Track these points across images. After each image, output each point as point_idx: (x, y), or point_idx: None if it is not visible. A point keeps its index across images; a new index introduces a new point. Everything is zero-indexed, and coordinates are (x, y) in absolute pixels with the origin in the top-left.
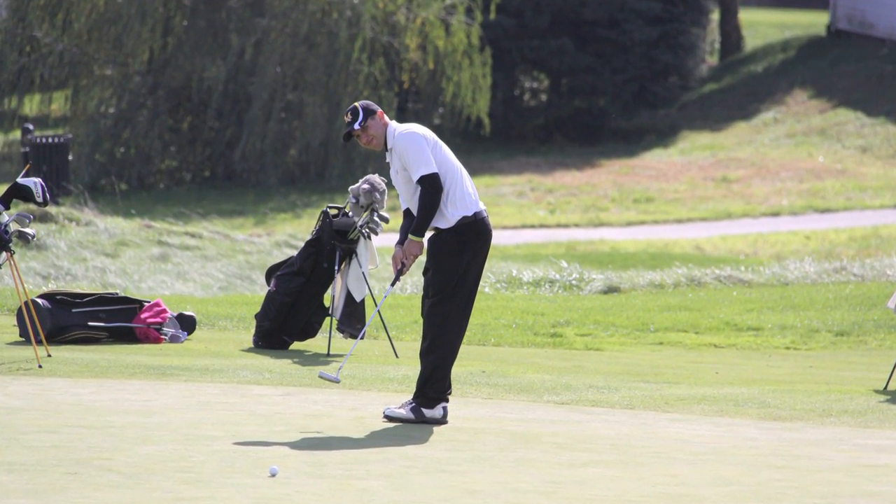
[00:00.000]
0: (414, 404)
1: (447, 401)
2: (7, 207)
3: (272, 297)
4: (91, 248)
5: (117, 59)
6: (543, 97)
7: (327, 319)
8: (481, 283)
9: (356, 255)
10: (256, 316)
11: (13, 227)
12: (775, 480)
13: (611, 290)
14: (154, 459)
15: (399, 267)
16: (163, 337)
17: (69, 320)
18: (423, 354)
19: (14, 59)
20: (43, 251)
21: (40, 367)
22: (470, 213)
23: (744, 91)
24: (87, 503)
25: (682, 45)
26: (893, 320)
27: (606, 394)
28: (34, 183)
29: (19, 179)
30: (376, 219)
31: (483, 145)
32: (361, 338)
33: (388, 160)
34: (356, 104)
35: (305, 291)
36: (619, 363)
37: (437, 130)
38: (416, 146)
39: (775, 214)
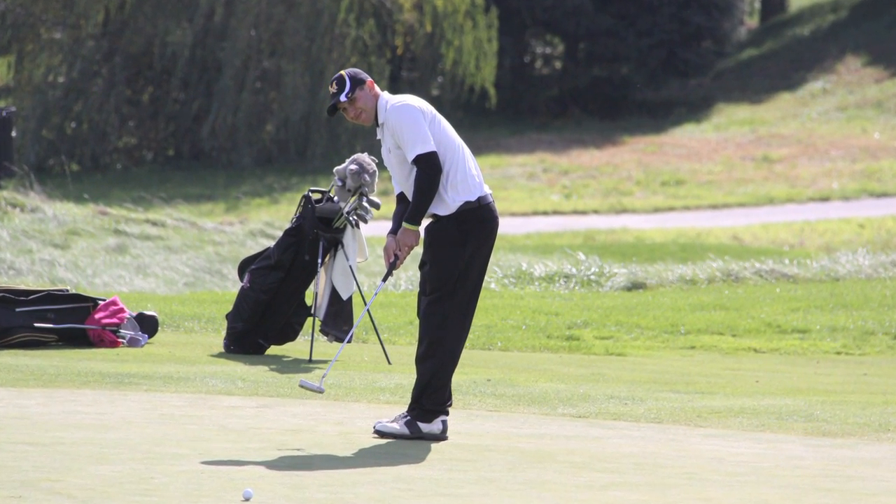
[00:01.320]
0: (409, 418)
1: (447, 414)
2: None
3: (246, 294)
4: (38, 237)
5: (68, 20)
6: (558, 64)
7: (309, 320)
8: (486, 278)
9: (342, 247)
10: (228, 316)
11: None
12: None
13: (635, 286)
14: (110, 481)
15: (392, 260)
16: (120, 340)
17: (13, 321)
18: (420, 360)
19: None
20: None
21: None
22: (473, 198)
23: (788, 57)
24: None
25: (716, 4)
26: None
27: (630, 406)
28: None
29: None
30: (365, 204)
31: (488, 120)
32: (348, 341)
33: (378, 137)
34: (342, 72)
35: (284, 288)
36: (645, 370)
37: (436, 103)
38: (411, 121)
39: (824, 199)
